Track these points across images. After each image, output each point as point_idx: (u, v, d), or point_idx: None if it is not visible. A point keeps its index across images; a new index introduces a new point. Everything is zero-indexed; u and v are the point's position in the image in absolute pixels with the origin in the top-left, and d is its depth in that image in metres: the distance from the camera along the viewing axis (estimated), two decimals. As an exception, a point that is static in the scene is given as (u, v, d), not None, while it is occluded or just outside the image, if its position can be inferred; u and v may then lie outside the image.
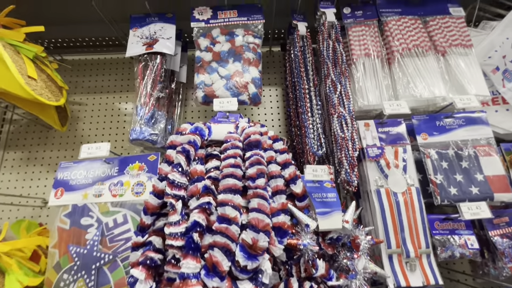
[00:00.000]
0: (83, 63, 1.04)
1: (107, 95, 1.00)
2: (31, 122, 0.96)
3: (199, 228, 0.43)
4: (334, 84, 0.71)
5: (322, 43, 0.75)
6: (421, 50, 0.72)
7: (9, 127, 0.96)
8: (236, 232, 0.43)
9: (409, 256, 0.59)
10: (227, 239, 0.42)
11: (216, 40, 0.75)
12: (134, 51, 0.73)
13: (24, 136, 0.95)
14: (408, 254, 0.59)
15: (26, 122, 0.96)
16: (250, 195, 0.48)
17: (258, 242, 0.42)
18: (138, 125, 0.68)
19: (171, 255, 0.46)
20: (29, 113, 0.95)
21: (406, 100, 0.69)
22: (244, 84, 0.70)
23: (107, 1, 0.81)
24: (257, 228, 0.43)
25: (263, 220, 0.44)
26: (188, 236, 0.42)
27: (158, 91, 0.72)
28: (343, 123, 0.67)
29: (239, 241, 0.43)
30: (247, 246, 0.42)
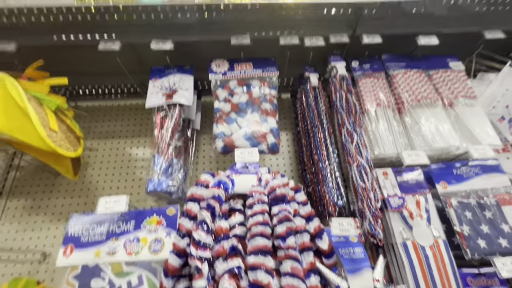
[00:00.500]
0: (97, 109, 1.06)
1: (119, 140, 1.00)
2: (39, 168, 0.94)
3: (231, 298, 0.40)
4: (350, 134, 0.72)
5: (335, 94, 0.79)
6: (429, 101, 0.76)
7: (15, 173, 0.94)
8: (271, 301, 0.40)
9: (446, 318, 0.55)
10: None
11: (234, 91, 0.78)
12: (154, 102, 0.75)
13: (30, 183, 0.92)
14: (445, 315, 0.55)
15: (33, 169, 0.94)
16: (281, 256, 0.45)
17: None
18: (156, 175, 0.67)
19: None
20: (37, 159, 0.94)
21: (420, 148, 0.71)
22: (263, 134, 0.72)
23: (129, 56, 0.86)
24: (294, 296, 0.40)
25: (298, 287, 0.41)
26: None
27: (176, 140, 0.73)
28: (362, 173, 0.67)
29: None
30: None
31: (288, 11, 0.77)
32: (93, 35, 0.77)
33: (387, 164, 0.78)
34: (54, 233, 0.85)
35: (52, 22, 0.74)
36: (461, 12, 0.81)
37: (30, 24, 0.74)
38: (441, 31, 0.82)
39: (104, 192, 0.92)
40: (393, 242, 0.63)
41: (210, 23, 0.78)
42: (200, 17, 0.76)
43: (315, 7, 0.76)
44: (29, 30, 0.76)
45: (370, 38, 0.80)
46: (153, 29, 0.78)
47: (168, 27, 0.79)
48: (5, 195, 0.90)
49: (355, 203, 0.70)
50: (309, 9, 0.77)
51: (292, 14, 0.78)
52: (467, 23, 0.83)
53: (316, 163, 0.77)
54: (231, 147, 0.71)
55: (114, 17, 0.74)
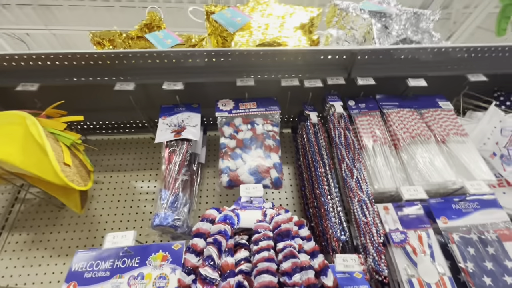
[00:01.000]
0: (105, 143, 1.11)
1: (125, 173, 1.03)
2: (44, 201, 0.95)
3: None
4: (350, 169, 0.76)
5: (334, 131, 0.84)
6: (423, 138, 0.80)
7: (19, 207, 0.94)
8: None
9: None
10: None
11: (239, 128, 0.83)
12: (164, 138, 0.80)
13: (33, 216, 0.92)
14: None
15: (38, 202, 0.95)
16: (288, 294, 0.46)
17: None
18: (162, 210, 0.68)
19: None
20: (43, 192, 0.96)
21: (418, 183, 0.73)
22: (266, 169, 0.75)
23: (141, 94, 0.93)
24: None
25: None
26: None
27: (182, 175, 0.76)
28: (364, 207, 0.69)
29: None
30: None
31: (289, 57, 0.85)
32: (109, 77, 0.84)
33: (387, 199, 0.80)
34: (53, 269, 0.83)
35: (74, 65, 0.82)
36: (446, 57, 0.89)
37: (53, 67, 0.81)
38: (428, 74, 0.90)
39: (107, 226, 0.92)
40: (398, 279, 0.63)
41: (217, 66, 0.86)
42: (209, 61, 0.84)
43: (314, 53, 0.85)
44: (51, 72, 0.83)
45: (364, 80, 0.87)
46: (165, 71, 0.86)
47: (179, 69, 0.86)
48: (7, 229, 0.90)
49: (358, 238, 0.71)
50: (308, 55, 0.85)
51: (292, 60, 0.86)
52: (452, 67, 0.91)
53: (318, 197, 0.79)
54: (236, 181, 0.74)
55: (130, 62, 0.82)
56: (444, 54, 0.88)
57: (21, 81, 0.81)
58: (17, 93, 0.81)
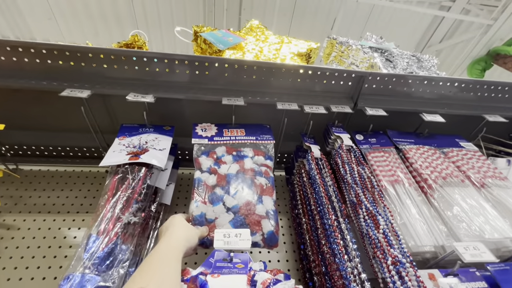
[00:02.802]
0: (41, 175, 0.84)
1: (56, 216, 0.74)
2: None
3: None
4: (372, 216, 0.54)
5: (343, 167, 0.65)
6: (456, 180, 0.63)
7: None
8: None
9: None
10: None
11: (222, 160, 0.62)
12: (113, 160, 0.57)
13: None
14: None
15: None
16: None
17: None
18: (81, 268, 0.41)
19: None
20: None
21: (468, 239, 0.52)
22: (257, 220, 0.52)
23: (98, 110, 0.73)
24: None
25: None
26: None
27: (130, 214, 0.50)
28: (403, 274, 0.45)
29: None
30: None
31: (287, 77, 0.72)
32: (59, 82, 0.66)
33: (420, 263, 0.56)
34: None
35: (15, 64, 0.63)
36: (461, 94, 0.80)
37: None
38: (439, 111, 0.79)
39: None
40: None
41: (200, 81, 0.70)
42: (191, 74, 0.69)
43: (316, 72, 0.72)
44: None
45: (373, 110, 0.73)
46: (133, 82, 0.69)
47: (152, 82, 0.69)
48: None
49: (398, 328, 0.44)
50: (309, 77, 0.73)
51: (290, 82, 0.74)
52: (469, 106, 0.81)
53: (328, 258, 0.55)
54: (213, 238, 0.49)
55: (90, 65, 0.65)
56: (460, 89, 0.79)
57: None
58: None
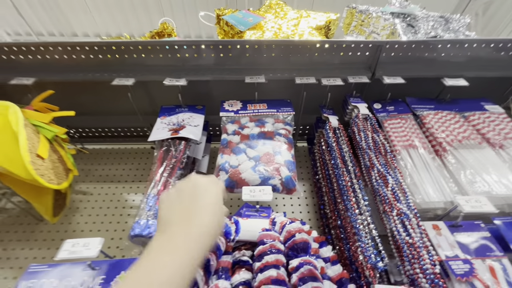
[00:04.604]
0: (102, 152, 1.01)
1: (117, 184, 0.91)
2: (23, 212, 0.83)
3: None
4: (382, 176, 0.60)
5: (359, 134, 0.70)
6: (473, 142, 0.65)
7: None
8: None
9: None
10: None
11: (245, 125, 0.71)
12: (158, 136, 0.69)
13: (7, 229, 0.80)
14: None
15: (17, 213, 0.84)
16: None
17: None
18: (145, 217, 0.54)
19: None
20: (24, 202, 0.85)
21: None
22: (275, 167, 0.61)
23: (141, 95, 0.86)
24: None
25: None
26: None
27: (175, 178, 0.63)
28: (406, 223, 0.52)
29: None
30: None
31: (305, 52, 0.77)
32: (109, 73, 0.78)
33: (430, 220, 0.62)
34: (13, 294, 0.68)
35: (73, 59, 0.77)
36: (489, 55, 0.77)
37: (51, 61, 0.77)
38: (466, 75, 0.77)
39: (86, 244, 0.77)
40: (469, 331, 0.43)
41: (225, 63, 0.78)
42: (216, 57, 0.77)
43: (333, 45, 0.76)
44: (48, 67, 0.78)
45: (391, 79, 0.75)
46: (167, 68, 0.79)
47: (183, 67, 0.79)
48: (-25, 242, 0.77)
49: (401, 266, 0.52)
50: (326, 50, 0.76)
51: (308, 57, 0.78)
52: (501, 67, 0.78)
53: (343, 214, 0.63)
54: (237, 180, 0.59)
55: (132, 56, 0.76)
56: (487, 50, 0.76)
57: (16, 75, 0.76)
58: (10, 88, 0.76)
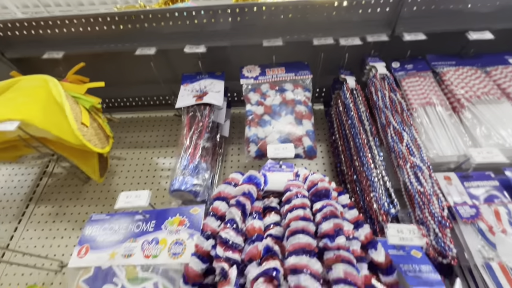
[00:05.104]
0: (129, 121, 1.09)
1: (147, 150, 0.99)
2: (70, 175, 0.94)
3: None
4: (398, 133, 0.63)
5: (376, 94, 0.72)
6: (492, 98, 0.66)
7: (47, 180, 0.94)
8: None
9: None
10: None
11: (267, 94, 0.75)
12: (184, 103, 0.74)
13: (58, 190, 0.92)
14: None
15: (65, 176, 0.95)
16: (330, 259, 0.35)
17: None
18: (181, 174, 0.62)
19: None
20: (70, 167, 0.95)
21: (489, 149, 0.59)
22: (298, 137, 0.65)
23: (162, 63, 0.89)
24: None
25: (358, 299, 0.31)
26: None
27: (204, 141, 0.69)
28: (418, 174, 0.56)
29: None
30: None
31: (322, 12, 0.75)
32: (131, 43, 0.81)
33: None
34: (74, 241, 0.81)
35: (96, 32, 0.80)
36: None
37: (76, 34, 0.80)
38: (493, 27, 0.74)
39: (127, 201, 0.88)
40: (470, 264, 0.49)
41: (242, 27, 0.79)
42: (233, 22, 0.77)
43: (351, 7, 0.74)
44: (74, 41, 0.82)
45: (412, 35, 0.74)
46: (186, 35, 0.80)
47: (201, 33, 0.80)
48: (34, 201, 0.90)
49: (411, 214, 0.58)
50: (344, 9, 0.75)
51: (325, 16, 0.77)
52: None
53: (359, 169, 0.68)
54: (265, 151, 0.65)
55: (151, 24, 0.78)
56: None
57: (46, 49, 0.81)
58: (43, 63, 0.81)
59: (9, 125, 0.64)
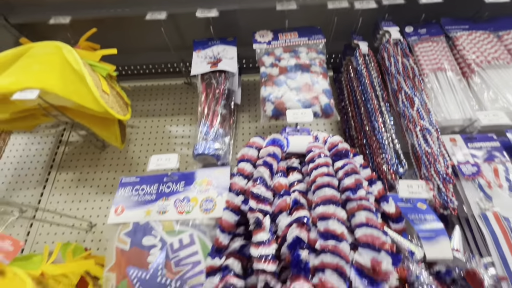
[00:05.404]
0: (138, 89, 1.09)
1: (159, 118, 1.01)
2: (86, 143, 0.97)
3: (303, 245, 0.36)
4: (409, 98, 0.66)
5: (389, 59, 0.73)
6: (502, 62, 0.67)
7: (64, 148, 0.97)
8: (347, 251, 0.35)
9: (544, 299, 0.46)
10: (340, 259, 0.34)
11: (281, 57, 0.75)
12: (200, 70, 0.74)
13: (77, 158, 0.95)
14: (542, 296, 0.46)
15: (81, 144, 0.98)
16: (353, 208, 0.40)
17: (382, 265, 0.34)
18: (203, 140, 0.65)
19: (262, 283, 0.38)
20: (85, 135, 0.98)
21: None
22: (315, 96, 0.67)
23: (173, 30, 0.87)
24: (375, 246, 0.35)
25: (379, 237, 0.36)
26: (296, 254, 0.35)
27: (221, 108, 0.71)
28: (427, 136, 0.61)
29: (353, 264, 0.35)
30: (365, 270, 0.34)
31: (338, -28, 0.73)
32: (140, 7, 0.78)
33: (451, 135, 0.70)
34: (99, 204, 0.86)
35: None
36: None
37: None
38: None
39: (146, 167, 0.92)
40: (467, 214, 0.56)
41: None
42: (246, -17, 0.75)
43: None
44: (81, 5, 0.79)
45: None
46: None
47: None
48: (55, 169, 0.94)
49: (417, 173, 0.63)
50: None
51: (341, -23, 0.74)
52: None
53: (369, 133, 0.72)
54: (281, 110, 0.67)
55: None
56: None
57: (51, 14, 0.78)
58: (49, 29, 0.79)
59: (29, 93, 0.65)
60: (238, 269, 0.43)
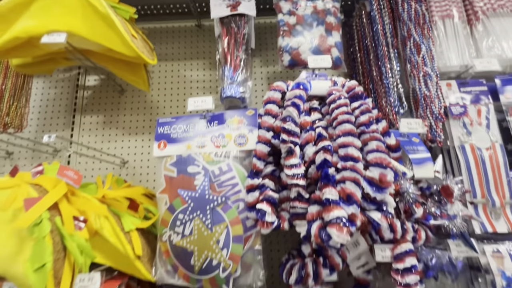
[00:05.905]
0: (151, 31, 1.06)
1: (172, 62, 1.04)
2: (104, 88, 1.00)
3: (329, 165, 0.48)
4: (417, 45, 0.72)
5: (402, 5, 0.76)
6: (506, 10, 0.72)
7: (83, 93, 1.01)
8: (362, 169, 0.48)
9: (494, 205, 0.63)
10: (356, 173, 0.46)
11: (298, 3, 0.77)
12: (220, 13, 0.76)
13: (98, 102, 1.00)
14: (494, 203, 0.63)
15: (99, 88, 1.01)
16: (366, 138, 0.51)
17: (387, 177, 0.46)
18: (229, 83, 0.71)
19: (295, 193, 0.50)
20: (101, 79, 1.00)
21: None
22: (328, 48, 0.73)
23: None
24: (383, 165, 0.47)
25: (385, 159, 0.48)
26: (325, 170, 0.46)
27: (242, 52, 0.75)
28: (428, 82, 0.69)
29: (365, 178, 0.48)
30: (374, 181, 0.47)
31: None
32: None
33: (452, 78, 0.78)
34: (128, 144, 0.95)
35: None
36: None
37: None
38: None
39: (166, 110, 0.99)
40: (450, 146, 0.69)
41: None
42: None
43: None
44: None
45: None
46: None
47: None
48: (78, 112, 0.99)
49: (414, 113, 0.74)
50: None
51: None
52: None
53: (376, 78, 0.79)
54: (297, 60, 0.73)
55: None
56: None
57: None
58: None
59: (57, 36, 0.67)
60: (272, 186, 0.56)
